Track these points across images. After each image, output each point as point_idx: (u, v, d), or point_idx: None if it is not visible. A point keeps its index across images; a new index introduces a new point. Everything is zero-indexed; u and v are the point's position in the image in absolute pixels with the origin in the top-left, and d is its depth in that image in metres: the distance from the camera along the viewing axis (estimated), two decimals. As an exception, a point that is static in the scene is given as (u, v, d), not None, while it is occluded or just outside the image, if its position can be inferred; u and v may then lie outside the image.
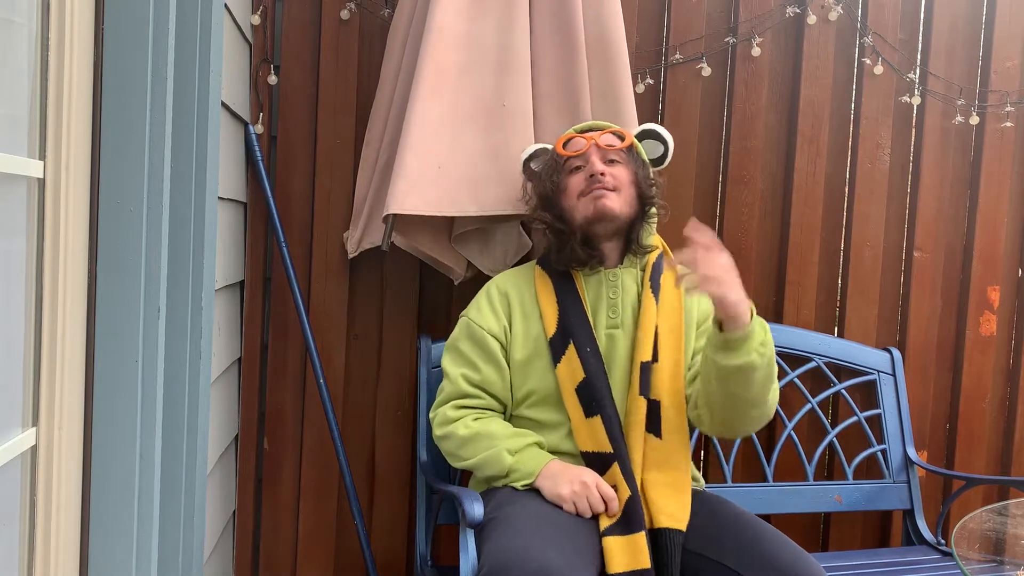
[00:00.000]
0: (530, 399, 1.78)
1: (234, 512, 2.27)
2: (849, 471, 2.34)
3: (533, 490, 1.67)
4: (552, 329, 1.75)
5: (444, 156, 2.00)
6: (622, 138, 1.80)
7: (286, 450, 2.29)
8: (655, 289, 1.78)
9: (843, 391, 2.36)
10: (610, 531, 1.59)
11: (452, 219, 2.15)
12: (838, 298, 2.47)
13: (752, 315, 1.57)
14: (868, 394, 2.42)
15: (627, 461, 1.67)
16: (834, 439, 2.36)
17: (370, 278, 2.28)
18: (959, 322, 2.51)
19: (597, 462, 1.69)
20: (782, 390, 2.36)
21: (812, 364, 2.34)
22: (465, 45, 2.03)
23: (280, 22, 2.20)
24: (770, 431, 2.40)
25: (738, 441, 2.30)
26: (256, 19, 2.17)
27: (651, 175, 1.82)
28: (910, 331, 2.47)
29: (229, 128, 1.94)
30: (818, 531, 2.51)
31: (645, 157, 1.85)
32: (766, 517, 2.36)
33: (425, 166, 1.96)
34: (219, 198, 1.84)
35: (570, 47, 2.05)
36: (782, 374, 2.34)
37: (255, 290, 2.24)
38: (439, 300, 2.31)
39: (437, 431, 1.79)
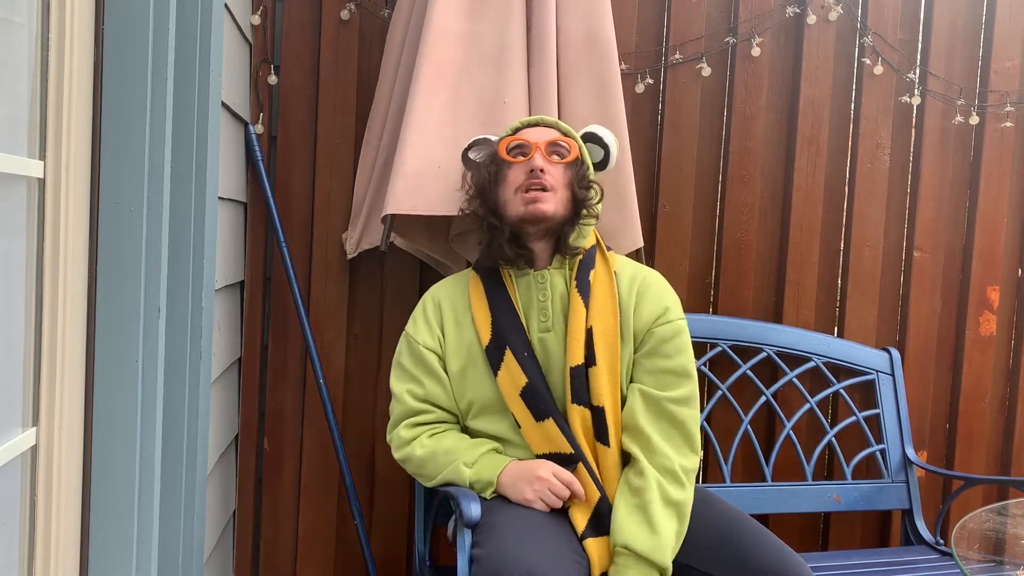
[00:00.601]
0: (472, 409, 1.74)
1: (234, 512, 2.27)
2: (848, 471, 2.34)
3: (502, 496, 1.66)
4: (487, 337, 1.71)
5: (444, 155, 2.00)
6: (567, 150, 1.74)
7: (286, 450, 2.29)
8: (583, 289, 1.71)
9: (842, 391, 2.36)
10: (586, 534, 1.60)
11: (451, 219, 2.15)
12: (838, 298, 2.47)
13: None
14: (867, 394, 2.42)
15: (588, 461, 1.65)
16: (833, 439, 2.36)
17: (370, 278, 2.28)
18: (959, 322, 2.51)
19: (558, 462, 1.66)
20: (781, 390, 2.36)
21: (811, 364, 2.34)
22: (464, 44, 2.03)
23: (280, 22, 2.20)
24: (769, 431, 2.40)
25: (737, 441, 2.30)
26: (256, 19, 2.17)
27: (590, 178, 1.76)
28: (910, 331, 2.47)
29: (229, 128, 1.94)
30: (817, 531, 2.51)
31: (588, 160, 1.79)
32: (765, 517, 2.36)
33: (424, 165, 1.96)
34: (219, 198, 1.84)
35: (560, 45, 2.06)
36: (781, 374, 2.34)
37: (255, 290, 2.24)
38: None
39: (396, 454, 1.76)
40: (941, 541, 2.29)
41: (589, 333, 1.68)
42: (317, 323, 2.25)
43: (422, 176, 1.96)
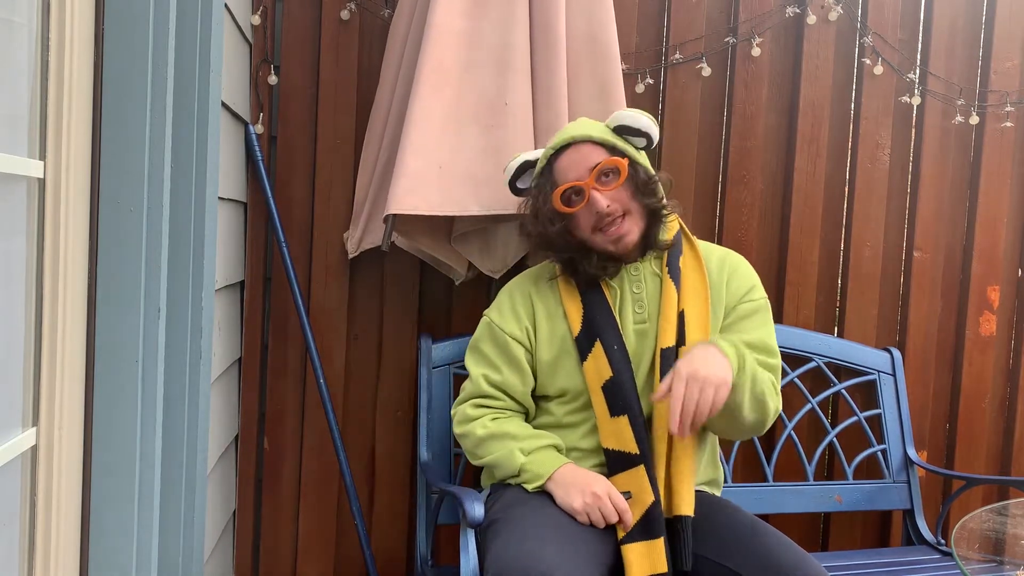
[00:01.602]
0: (563, 397, 1.76)
1: (234, 512, 2.27)
2: (849, 471, 2.34)
3: (544, 492, 1.65)
4: (577, 328, 1.73)
5: (445, 155, 1.99)
6: (617, 171, 1.69)
7: (286, 450, 2.29)
8: (674, 274, 1.75)
9: (843, 391, 2.36)
10: (629, 539, 1.59)
11: (453, 219, 2.15)
12: (838, 298, 2.47)
13: (735, 360, 1.58)
14: (868, 394, 2.42)
15: (652, 464, 1.65)
16: (834, 439, 2.36)
17: (370, 278, 2.28)
18: (959, 322, 2.51)
19: (620, 461, 1.66)
20: (783, 390, 2.35)
21: (812, 364, 2.34)
22: (465, 44, 2.03)
23: (280, 22, 2.20)
24: (770, 431, 2.40)
25: (737, 442, 2.30)
26: (256, 19, 2.17)
27: (651, 178, 1.73)
28: (910, 331, 2.47)
29: (229, 128, 1.94)
30: (818, 531, 2.51)
31: (642, 160, 1.75)
32: (766, 517, 2.36)
33: (426, 166, 1.96)
34: (219, 198, 1.84)
35: (562, 45, 2.06)
36: (782, 374, 2.34)
37: (255, 290, 2.24)
38: (439, 300, 2.31)
39: (457, 429, 1.79)
40: (942, 541, 2.29)
41: (681, 316, 1.72)
42: (317, 323, 2.25)
43: (423, 176, 1.96)
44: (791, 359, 2.36)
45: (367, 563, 2.19)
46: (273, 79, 2.20)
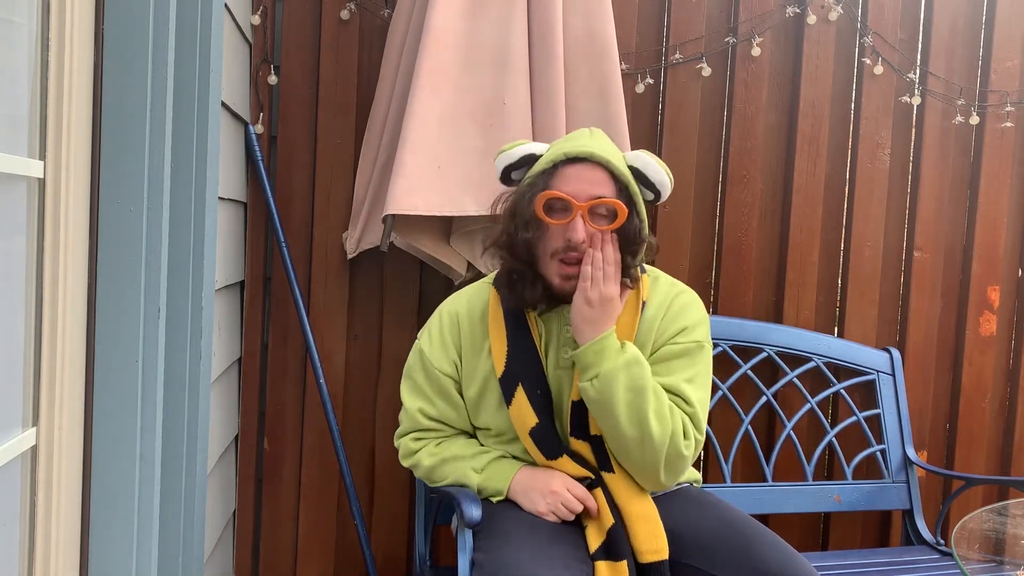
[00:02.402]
0: (489, 432, 1.70)
1: (234, 512, 2.27)
2: (848, 471, 2.34)
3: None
4: (501, 368, 1.62)
5: (444, 155, 1.99)
6: (615, 214, 1.55)
7: (286, 450, 2.29)
8: None
9: (842, 391, 2.36)
10: (598, 555, 1.56)
11: (452, 219, 2.15)
12: (838, 298, 2.47)
13: (606, 342, 1.49)
14: (867, 394, 2.42)
15: (606, 487, 1.61)
16: (833, 439, 2.36)
17: (370, 278, 2.28)
18: (959, 322, 2.51)
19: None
20: (782, 390, 2.35)
21: (812, 364, 2.34)
22: (464, 44, 2.03)
23: (280, 22, 2.20)
24: (769, 431, 2.40)
25: (737, 441, 2.30)
26: (256, 19, 2.17)
27: (641, 236, 1.58)
28: (910, 331, 2.47)
29: (229, 128, 1.94)
30: (817, 531, 2.51)
31: (642, 213, 1.59)
32: (765, 517, 2.36)
33: (424, 166, 1.96)
34: (219, 198, 1.84)
35: (561, 45, 2.06)
36: (782, 374, 2.34)
37: (255, 290, 2.24)
38: (439, 300, 2.29)
39: (404, 462, 1.74)
40: (941, 541, 2.29)
41: None
42: (317, 323, 2.25)
43: (422, 176, 1.96)
44: (791, 359, 2.36)
45: (367, 563, 2.19)
46: (273, 79, 2.20)
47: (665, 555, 1.55)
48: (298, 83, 2.21)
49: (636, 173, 1.59)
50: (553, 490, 1.58)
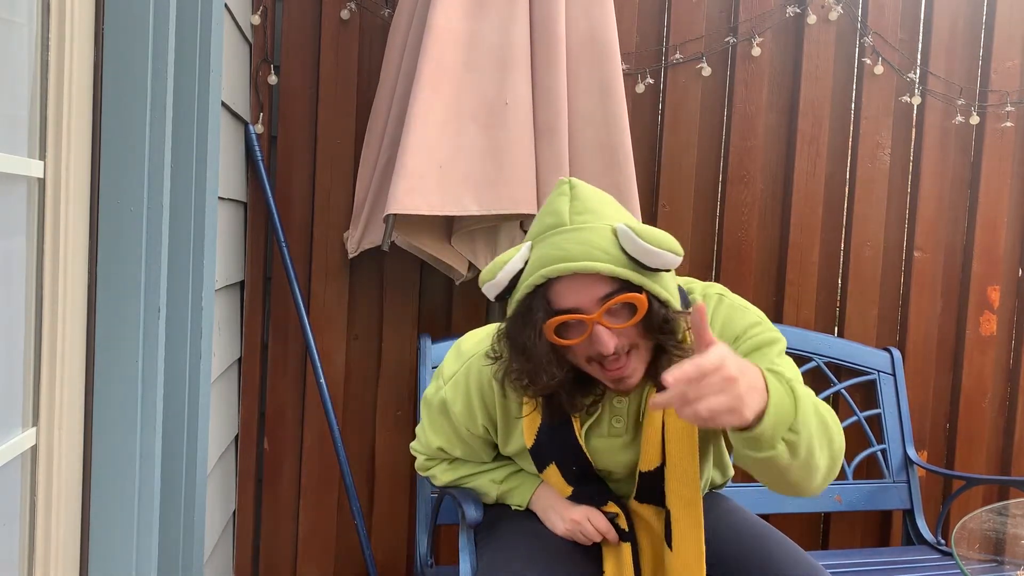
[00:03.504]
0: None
1: (234, 512, 2.27)
2: (849, 471, 2.34)
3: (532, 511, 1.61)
4: (530, 441, 1.49)
5: (445, 155, 1.99)
6: (634, 308, 1.31)
7: (286, 450, 2.29)
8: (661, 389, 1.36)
9: (843, 391, 2.36)
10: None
11: (453, 219, 2.15)
12: (838, 298, 2.47)
13: (767, 404, 1.17)
14: (868, 394, 2.42)
15: (637, 544, 1.50)
16: (834, 439, 2.36)
17: (370, 278, 2.28)
18: (959, 322, 2.51)
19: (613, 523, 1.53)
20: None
21: (812, 364, 2.34)
22: (466, 44, 2.03)
23: (280, 22, 2.20)
24: (770, 431, 2.40)
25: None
26: (256, 19, 2.17)
27: (672, 311, 1.33)
28: (910, 331, 2.47)
29: (229, 128, 1.94)
30: (818, 531, 2.51)
31: (655, 288, 1.32)
32: (766, 517, 2.36)
33: (426, 165, 1.96)
34: (219, 198, 1.84)
35: (563, 45, 2.06)
36: (782, 374, 2.33)
37: (255, 290, 2.24)
38: (439, 300, 2.31)
39: (420, 471, 1.72)
40: (942, 541, 2.29)
41: (662, 428, 1.42)
42: (317, 323, 2.25)
43: (423, 176, 1.96)
44: (791, 359, 2.35)
45: (367, 563, 2.19)
46: (273, 79, 2.20)
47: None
48: (298, 83, 2.21)
49: (635, 257, 1.31)
50: (574, 519, 1.51)
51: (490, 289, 1.38)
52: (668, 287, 1.35)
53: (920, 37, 2.44)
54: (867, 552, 2.27)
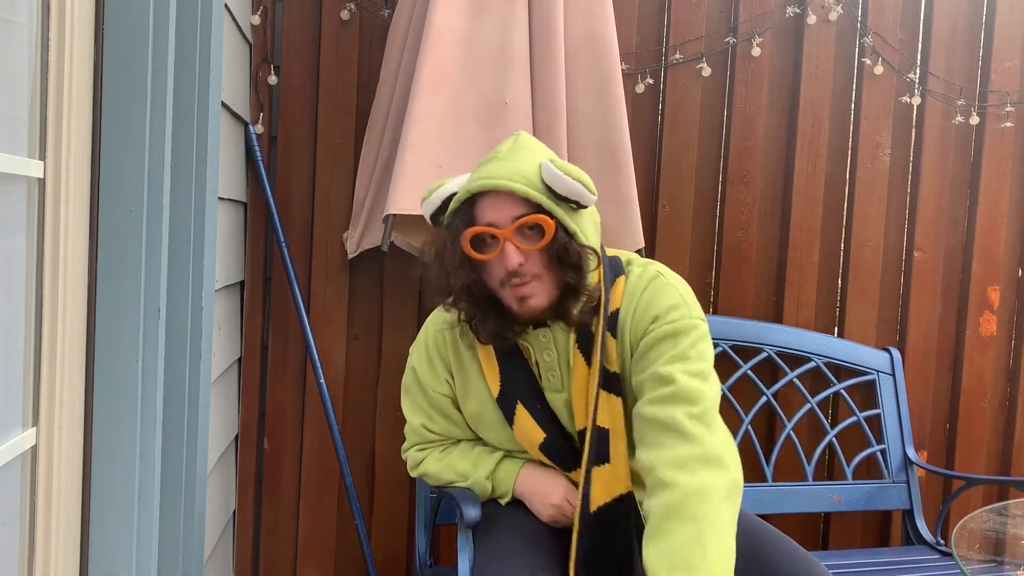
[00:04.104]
0: (495, 447, 1.67)
1: (234, 512, 2.27)
2: (848, 471, 2.34)
3: (522, 504, 1.64)
4: (496, 388, 1.56)
5: (445, 155, 2.00)
6: (542, 230, 1.44)
7: (286, 450, 2.29)
8: (583, 344, 1.52)
9: (843, 391, 2.36)
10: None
11: (452, 219, 2.15)
12: (838, 298, 2.47)
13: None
14: (868, 394, 2.42)
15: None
16: (833, 439, 2.36)
17: (370, 278, 2.28)
18: (959, 322, 2.51)
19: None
20: (782, 390, 2.36)
21: (812, 364, 2.34)
22: (465, 43, 2.03)
23: (280, 22, 2.20)
24: (770, 431, 2.40)
25: (737, 441, 2.30)
26: (256, 19, 2.17)
27: (577, 249, 1.45)
28: (910, 331, 2.47)
29: (229, 128, 1.94)
30: (818, 531, 2.51)
31: (568, 222, 1.45)
32: (765, 517, 2.36)
33: (425, 165, 1.96)
34: (219, 198, 1.84)
35: (562, 44, 2.06)
36: (782, 374, 2.34)
37: (255, 290, 2.24)
38: (439, 300, 2.31)
39: (412, 473, 1.73)
40: (942, 541, 2.29)
41: (598, 394, 1.50)
42: (317, 323, 2.25)
43: (423, 176, 1.96)
44: (791, 359, 2.36)
45: (367, 563, 2.19)
46: (273, 79, 2.20)
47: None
48: (298, 83, 2.21)
49: (551, 187, 1.44)
50: (554, 504, 1.57)
51: (426, 208, 1.55)
52: (581, 224, 1.47)
53: (920, 37, 2.44)
54: (867, 552, 2.27)
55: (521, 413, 1.56)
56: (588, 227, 1.49)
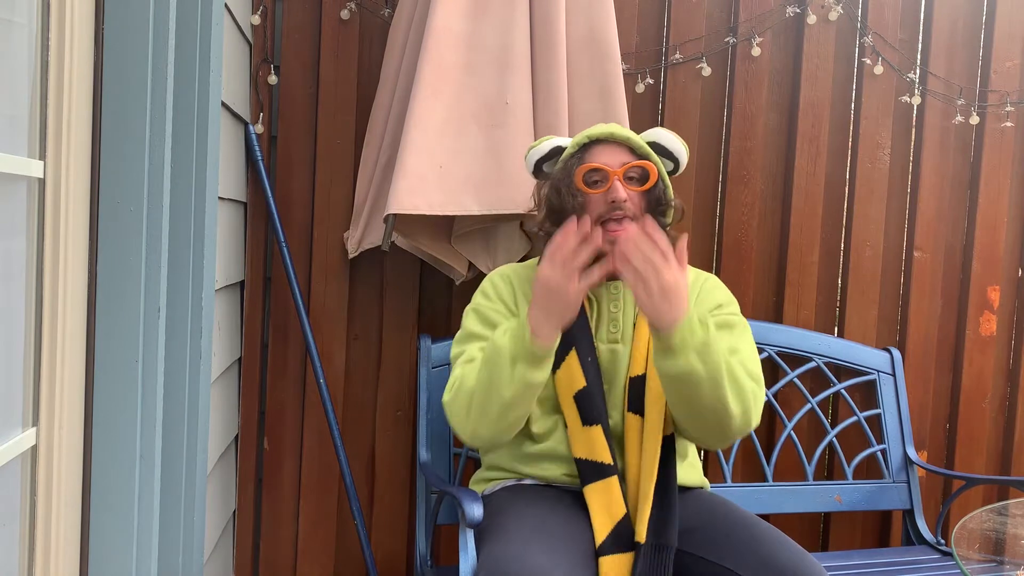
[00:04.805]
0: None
1: (234, 512, 2.27)
2: (849, 471, 2.34)
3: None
4: None
5: (446, 155, 2.00)
6: (647, 175, 1.68)
7: (286, 450, 2.29)
8: None
9: (843, 391, 2.36)
10: (605, 549, 1.57)
11: (453, 219, 2.15)
12: (838, 298, 2.47)
13: (688, 321, 1.48)
14: (868, 394, 2.42)
15: (624, 477, 1.65)
16: (834, 439, 2.36)
17: (370, 278, 2.28)
18: (959, 322, 2.51)
19: (592, 471, 1.63)
20: (782, 390, 2.36)
21: (812, 364, 2.34)
22: (466, 44, 2.03)
23: (280, 22, 2.20)
24: (770, 431, 2.40)
25: (737, 441, 2.30)
26: (256, 19, 2.17)
27: (669, 199, 1.72)
28: (910, 331, 2.47)
29: (229, 128, 1.94)
30: (818, 531, 2.51)
31: (667, 179, 1.74)
32: (766, 517, 2.36)
33: (426, 166, 1.96)
34: (219, 198, 1.84)
35: (563, 45, 2.06)
36: (782, 374, 2.34)
37: (255, 290, 2.24)
38: (439, 300, 2.31)
39: (453, 420, 1.62)
40: (942, 541, 2.29)
41: (649, 343, 1.67)
42: (317, 323, 2.25)
43: (424, 176, 1.96)
44: (791, 359, 2.36)
45: (367, 563, 2.19)
46: (273, 79, 2.20)
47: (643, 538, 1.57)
48: (298, 83, 2.21)
49: (654, 146, 1.73)
50: (550, 289, 1.50)
51: (533, 155, 1.78)
52: (669, 186, 1.74)
53: (920, 37, 2.44)
54: (867, 552, 2.27)
55: (571, 359, 1.67)
56: (671, 188, 1.75)
